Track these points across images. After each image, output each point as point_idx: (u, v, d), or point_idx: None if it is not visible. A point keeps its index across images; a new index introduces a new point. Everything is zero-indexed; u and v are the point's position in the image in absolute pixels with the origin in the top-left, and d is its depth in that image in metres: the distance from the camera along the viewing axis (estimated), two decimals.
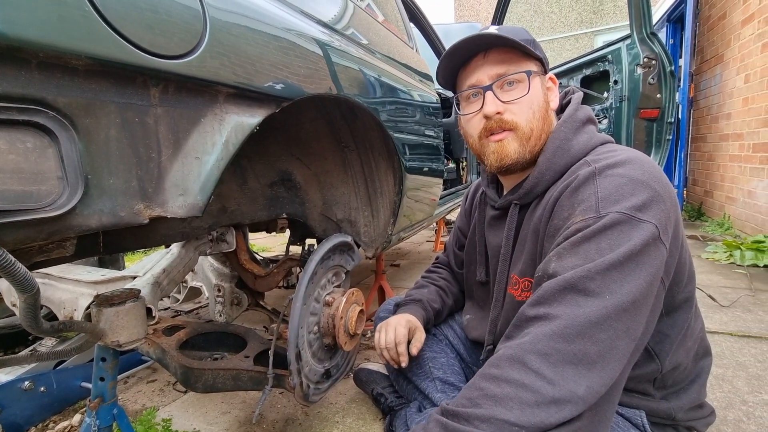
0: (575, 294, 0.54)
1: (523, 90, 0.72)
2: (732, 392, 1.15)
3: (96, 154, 0.46)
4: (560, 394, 0.50)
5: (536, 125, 0.73)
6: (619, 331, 0.53)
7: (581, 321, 0.52)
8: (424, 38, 2.40)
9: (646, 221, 0.56)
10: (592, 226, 0.57)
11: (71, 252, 0.52)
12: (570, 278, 0.55)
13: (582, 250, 0.57)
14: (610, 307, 0.53)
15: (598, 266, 0.54)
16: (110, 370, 0.82)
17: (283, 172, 1.13)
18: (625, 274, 0.54)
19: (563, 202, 0.65)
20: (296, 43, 0.75)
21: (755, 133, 2.95)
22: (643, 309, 0.55)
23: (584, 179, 0.63)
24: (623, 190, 0.59)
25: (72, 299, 0.96)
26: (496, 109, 0.72)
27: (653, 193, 0.58)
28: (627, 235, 0.55)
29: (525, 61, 0.73)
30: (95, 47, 0.43)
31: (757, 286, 2.06)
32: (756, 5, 2.97)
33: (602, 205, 0.58)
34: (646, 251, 0.55)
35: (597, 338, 0.52)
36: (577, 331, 0.52)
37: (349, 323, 0.95)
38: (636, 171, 0.61)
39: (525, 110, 0.72)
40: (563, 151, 0.71)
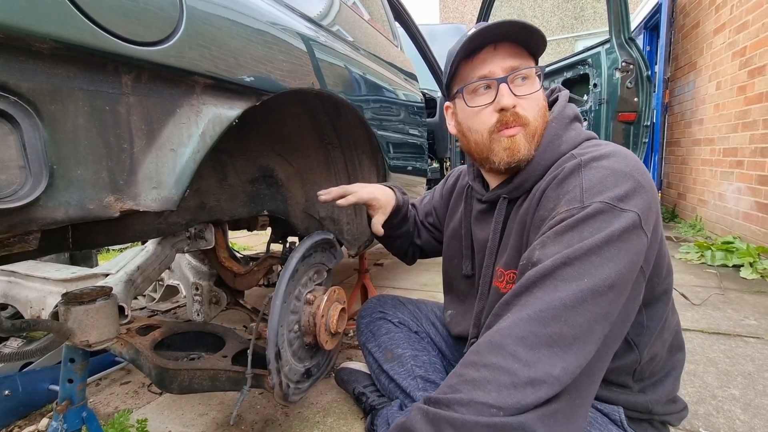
0: (553, 280, 0.55)
1: (533, 86, 0.72)
2: (703, 387, 1.19)
3: (62, 143, 0.44)
4: (536, 375, 0.51)
5: (539, 123, 0.73)
6: (597, 315, 0.54)
7: (557, 304, 0.53)
8: (409, 38, 2.40)
9: (628, 210, 0.58)
10: (576, 216, 0.59)
11: (35, 246, 0.49)
12: (549, 265, 0.56)
13: (565, 239, 0.58)
14: (586, 290, 0.54)
15: (576, 251, 0.55)
16: (79, 371, 0.78)
17: (264, 169, 1.11)
18: (604, 258, 0.55)
19: (549, 194, 0.67)
20: (278, 36, 0.73)
21: (725, 138, 3.07)
22: (621, 294, 0.56)
23: (570, 171, 0.65)
24: (607, 181, 0.60)
25: (39, 298, 0.92)
26: (513, 101, 0.70)
27: (636, 184, 0.60)
28: (608, 223, 0.57)
29: (530, 58, 0.74)
30: (61, 30, 0.41)
31: (727, 285, 2.14)
32: (727, 15, 3.09)
33: (586, 195, 0.60)
34: (626, 237, 0.56)
35: (573, 321, 0.53)
36: (553, 315, 0.53)
37: (331, 322, 0.94)
38: (620, 163, 0.62)
39: (534, 107, 0.72)
40: (554, 147, 0.72)
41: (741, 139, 2.83)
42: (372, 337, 1.07)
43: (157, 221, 0.84)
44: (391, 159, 1.32)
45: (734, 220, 2.90)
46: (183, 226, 0.94)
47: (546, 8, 11.14)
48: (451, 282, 1.00)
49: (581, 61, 2.81)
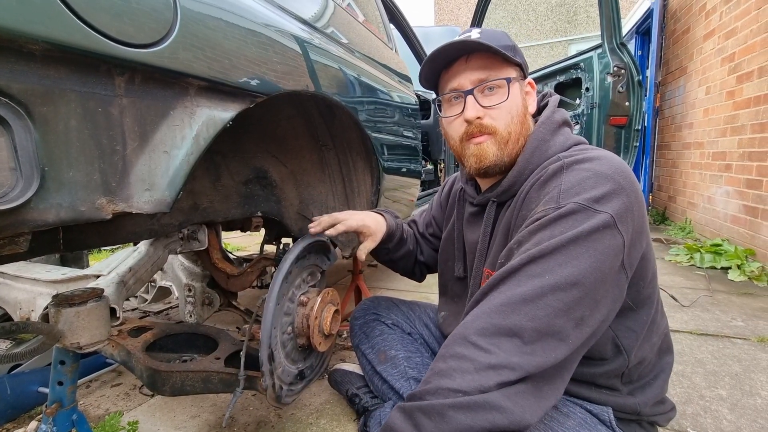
0: (518, 275, 0.58)
1: (502, 96, 0.74)
2: (691, 388, 1.21)
3: (54, 144, 0.44)
4: (496, 360, 0.53)
5: (514, 129, 0.75)
6: (557, 310, 0.55)
7: (517, 299, 0.56)
8: (404, 40, 2.41)
9: (601, 211, 0.58)
10: (549, 215, 0.60)
11: (25, 248, 0.49)
12: (516, 263, 0.59)
13: (536, 237, 0.60)
14: (546, 286, 0.56)
15: (542, 250, 0.58)
16: (69, 373, 0.78)
17: (258, 170, 1.11)
18: (568, 256, 0.56)
19: (532, 195, 0.69)
20: (273, 38, 0.74)
21: (714, 142, 3.12)
22: (590, 293, 0.56)
23: (552, 173, 0.66)
24: (586, 183, 0.61)
25: (29, 299, 0.91)
26: (476, 113, 0.74)
27: (615, 186, 0.60)
28: (579, 223, 0.58)
29: (505, 67, 0.75)
30: (53, 32, 0.41)
31: (715, 287, 2.18)
32: (716, 21, 3.14)
33: (563, 196, 0.61)
34: (595, 237, 0.57)
35: (532, 314, 0.55)
36: (512, 308, 0.56)
37: (324, 323, 0.94)
38: (602, 166, 0.63)
39: (504, 115, 0.74)
40: (541, 152, 0.74)
41: (729, 143, 2.88)
42: (365, 339, 1.07)
43: (150, 222, 0.83)
44: (386, 161, 1.32)
45: (723, 223, 2.95)
46: (176, 227, 0.93)
47: (540, 12, 11.23)
48: (445, 284, 1.00)
49: (574, 65, 2.84)
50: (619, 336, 0.70)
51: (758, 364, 1.34)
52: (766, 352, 1.42)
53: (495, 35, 0.75)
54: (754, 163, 2.54)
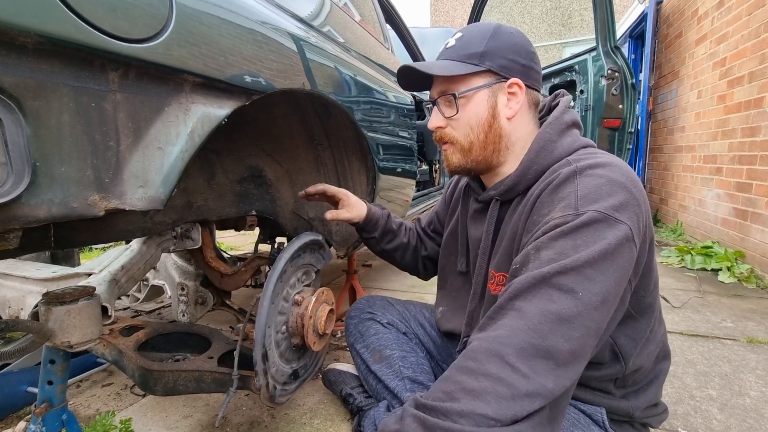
0: (549, 288, 0.56)
1: (453, 110, 0.77)
2: (682, 388, 1.22)
3: (46, 139, 0.43)
4: (533, 388, 0.52)
5: (477, 138, 0.76)
6: (590, 330, 0.55)
7: (553, 316, 0.54)
8: (400, 40, 2.42)
9: (621, 221, 0.58)
10: (570, 223, 0.59)
11: (15, 245, 0.48)
12: (545, 273, 0.57)
13: (558, 245, 0.59)
14: (581, 305, 0.54)
15: (573, 262, 0.56)
16: (60, 373, 0.76)
17: (253, 168, 1.10)
18: (597, 271, 0.56)
19: (544, 199, 0.67)
20: (269, 35, 0.73)
21: (706, 145, 3.17)
22: (612, 308, 0.58)
23: (565, 177, 0.65)
24: (602, 190, 0.61)
25: (18, 297, 0.90)
26: (437, 124, 0.80)
27: (630, 196, 0.61)
28: (602, 233, 0.57)
29: (467, 78, 0.75)
30: (45, 24, 0.40)
31: (705, 288, 2.20)
32: (708, 26, 3.19)
33: (581, 203, 0.60)
34: (620, 251, 0.57)
35: (569, 336, 0.54)
36: (550, 328, 0.54)
37: (319, 323, 0.93)
38: (615, 173, 0.63)
39: (462, 126, 0.77)
40: (547, 152, 0.73)
41: (720, 146, 2.92)
42: (360, 338, 1.07)
43: (143, 220, 0.82)
44: (381, 160, 1.32)
45: (713, 225, 2.99)
46: (169, 226, 0.92)
47: (535, 15, 11.30)
48: (445, 278, 1.00)
49: (568, 67, 2.86)
50: (618, 343, 0.70)
51: (747, 364, 1.36)
52: (755, 353, 1.44)
53: (469, 41, 0.75)
54: (744, 167, 2.58)
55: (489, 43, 0.75)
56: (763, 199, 2.35)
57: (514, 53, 0.75)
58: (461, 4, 12.54)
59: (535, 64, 0.78)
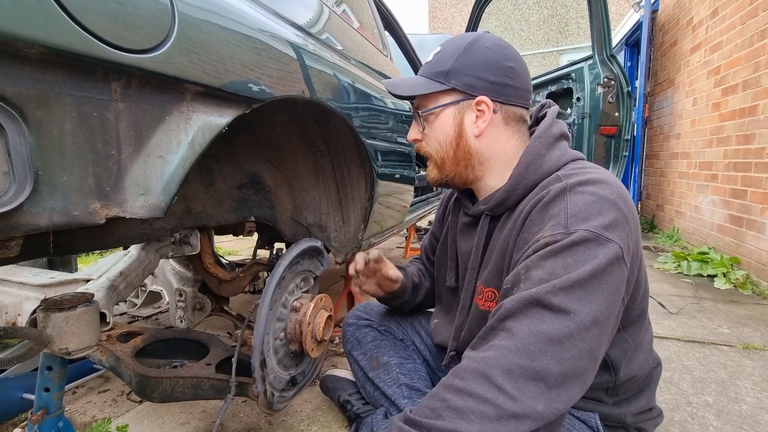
0: (540, 308, 0.56)
1: (422, 126, 0.80)
2: (678, 394, 1.23)
3: (48, 148, 0.43)
4: (521, 410, 0.51)
5: (447, 155, 0.78)
6: (582, 351, 0.54)
7: (543, 337, 0.54)
8: (399, 47, 2.44)
9: (612, 241, 0.58)
10: (561, 242, 0.59)
11: (16, 252, 0.48)
12: (535, 293, 0.56)
13: (549, 264, 0.58)
14: (572, 325, 0.54)
15: (563, 282, 0.56)
16: (57, 379, 0.76)
17: (252, 174, 1.11)
18: (588, 292, 0.56)
19: (534, 217, 0.66)
20: (269, 44, 0.74)
21: (701, 152, 3.19)
22: (605, 329, 0.57)
23: (555, 195, 0.65)
24: (592, 208, 0.61)
25: (15, 303, 0.89)
26: (413, 137, 0.82)
27: (619, 214, 0.61)
28: (593, 252, 0.57)
29: (436, 96, 0.77)
30: (50, 36, 0.41)
31: (702, 294, 2.21)
32: (703, 35, 3.23)
33: (571, 221, 0.60)
34: (610, 271, 0.57)
35: (560, 357, 0.53)
36: (539, 348, 0.53)
37: (317, 329, 0.94)
38: (605, 190, 0.63)
39: (432, 142, 0.80)
40: (536, 167, 0.72)
41: (715, 153, 2.94)
42: (358, 345, 1.07)
43: (142, 226, 0.83)
44: (380, 167, 1.33)
45: (709, 232, 3.01)
46: (168, 232, 0.93)
47: (532, 22, 11.42)
48: (439, 292, 1.01)
49: (565, 75, 2.89)
50: (608, 354, 0.71)
51: (743, 370, 1.37)
52: (750, 359, 1.45)
53: (441, 58, 0.77)
54: (739, 174, 2.60)
55: (457, 61, 0.74)
56: (758, 206, 2.37)
57: (484, 70, 0.73)
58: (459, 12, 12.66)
59: (510, 80, 0.74)
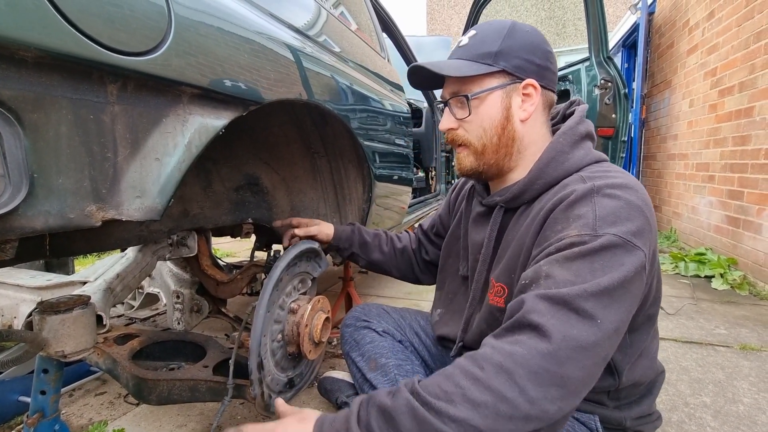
0: (569, 311, 0.55)
1: (465, 112, 0.75)
2: (676, 395, 1.23)
3: (44, 151, 0.43)
4: (534, 412, 0.51)
5: (489, 141, 0.75)
6: (600, 358, 0.55)
7: (574, 345, 0.53)
8: (396, 49, 2.44)
9: (639, 248, 0.58)
10: (588, 244, 0.58)
11: (12, 255, 0.48)
12: (565, 294, 0.55)
13: (575, 266, 0.57)
14: (599, 334, 0.54)
15: (592, 288, 0.55)
16: (53, 382, 0.76)
17: (249, 176, 1.11)
18: (614, 299, 0.56)
19: (557, 215, 0.65)
20: (266, 46, 0.74)
21: (698, 153, 3.21)
22: (621, 336, 0.58)
23: (582, 195, 0.63)
24: (621, 213, 0.60)
25: (12, 306, 0.89)
26: (449, 125, 0.78)
27: (645, 222, 0.60)
28: (620, 259, 0.57)
29: (481, 79, 0.73)
30: (47, 39, 0.41)
31: (699, 295, 2.22)
32: (699, 37, 3.24)
33: (599, 224, 0.59)
34: (635, 279, 0.57)
35: (583, 364, 0.53)
36: (568, 355, 0.53)
37: (314, 331, 0.93)
38: (633, 196, 0.62)
39: (475, 128, 0.75)
40: (557, 163, 0.71)
41: (712, 154, 2.96)
42: (356, 346, 1.07)
43: (139, 229, 0.83)
44: (377, 168, 1.33)
45: (706, 233, 3.02)
46: (165, 234, 0.93)
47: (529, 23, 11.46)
48: (444, 279, 1.00)
49: (562, 77, 2.90)
50: (612, 357, 0.70)
51: (740, 371, 1.37)
52: (747, 360, 1.45)
53: (483, 40, 0.73)
54: (735, 175, 2.61)
55: (504, 42, 0.72)
56: (754, 207, 2.38)
57: (530, 53, 0.73)
58: (457, 14, 12.69)
59: (551, 64, 0.75)
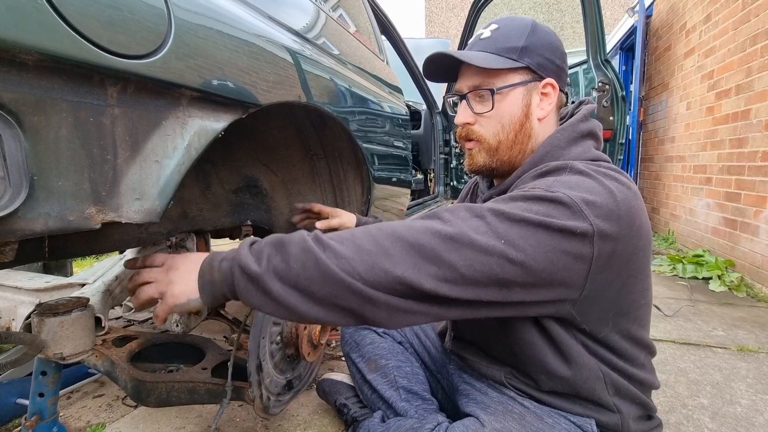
0: (477, 218, 0.56)
1: (488, 106, 0.74)
2: (674, 397, 1.23)
3: (44, 154, 0.44)
4: (410, 276, 0.53)
5: (505, 138, 0.74)
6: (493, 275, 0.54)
7: (467, 240, 0.54)
8: (395, 51, 2.45)
9: (587, 218, 0.55)
10: (534, 192, 0.58)
11: (11, 257, 0.48)
12: (484, 208, 0.58)
13: (511, 204, 0.58)
14: (499, 247, 0.54)
15: (512, 214, 0.56)
16: (51, 384, 0.76)
17: (249, 178, 1.11)
18: (531, 234, 0.54)
19: (525, 180, 0.66)
20: (265, 49, 0.75)
21: (695, 155, 3.22)
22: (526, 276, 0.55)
23: (554, 168, 0.64)
24: (585, 185, 0.58)
25: (10, 308, 0.89)
26: (465, 120, 0.76)
27: (613, 206, 0.57)
28: (560, 213, 0.55)
29: (504, 74, 0.72)
30: (48, 42, 0.41)
31: (697, 297, 2.23)
32: (696, 40, 3.26)
33: (556, 185, 0.59)
34: (567, 237, 0.55)
35: (469, 262, 0.54)
36: (459, 245, 0.54)
37: (313, 333, 0.94)
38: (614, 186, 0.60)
39: (493, 124, 0.74)
40: (551, 158, 0.71)
41: (710, 157, 2.97)
42: (356, 347, 1.07)
43: (138, 231, 0.83)
44: (376, 170, 1.33)
45: (704, 235, 3.03)
46: (164, 236, 0.93)
47: None
48: None
49: None
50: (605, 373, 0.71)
51: (738, 372, 1.38)
52: (745, 361, 1.46)
53: (507, 34, 0.73)
54: (732, 177, 2.63)
55: (528, 38, 0.72)
56: (751, 209, 2.39)
57: (551, 52, 0.73)
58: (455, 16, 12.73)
59: (566, 65, 0.76)
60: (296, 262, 0.54)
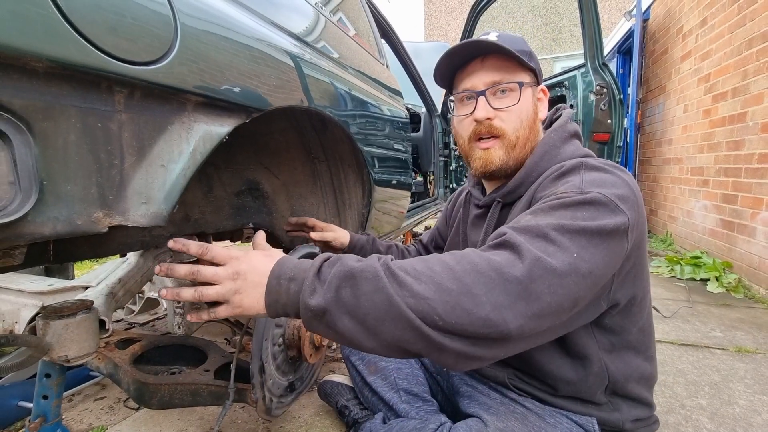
0: (545, 241, 0.54)
1: (514, 99, 0.75)
2: (672, 397, 1.24)
3: (53, 159, 0.44)
4: (494, 317, 0.49)
5: (522, 134, 0.76)
6: (571, 292, 0.53)
7: (546, 267, 0.52)
8: (395, 55, 2.46)
9: (623, 211, 0.58)
10: (573, 198, 0.59)
11: (20, 261, 0.49)
12: (544, 226, 0.56)
13: (558, 214, 0.58)
14: (573, 266, 0.53)
15: (570, 225, 0.55)
16: (55, 387, 0.76)
17: (250, 181, 1.12)
18: (592, 244, 0.55)
19: (546, 185, 0.68)
20: (268, 54, 0.76)
21: (693, 158, 3.24)
22: (594, 286, 0.56)
23: (571, 167, 0.67)
24: (607, 180, 0.62)
25: (13, 311, 0.89)
26: (487, 114, 0.76)
27: (632, 193, 0.62)
28: (602, 214, 0.57)
29: (519, 72, 0.77)
30: (58, 50, 0.42)
31: (695, 298, 2.24)
32: (692, 44, 3.29)
33: (586, 186, 0.61)
34: (614, 236, 0.57)
35: (554, 289, 0.52)
36: (540, 275, 0.51)
37: (315, 335, 0.94)
38: (620, 173, 0.65)
39: (514, 119, 0.76)
40: (551, 156, 0.75)
41: (707, 159, 2.99)
42: (355, 350, 1.07)
43: (141, 234, 0.83)
44: (377, 173, 1.34)
45: (701, 236, 3.04)
46: (166, 239, 0.93)
47: (526, 29, 11.56)
48: None
49: (558, 83, 2.93)
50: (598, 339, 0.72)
51: (736, 373, 1.39)
52: (743, 362, 1.47)
53: (513, 39, 0.77)
54: (729, 179, 2.64)
55: (528, 47, 0.78)
56: (748, 211, 2.41)
57: (538, 64, 0.80)
58: (454, 20, 12.78)
59: None
60: (367, 300, 0.51)
